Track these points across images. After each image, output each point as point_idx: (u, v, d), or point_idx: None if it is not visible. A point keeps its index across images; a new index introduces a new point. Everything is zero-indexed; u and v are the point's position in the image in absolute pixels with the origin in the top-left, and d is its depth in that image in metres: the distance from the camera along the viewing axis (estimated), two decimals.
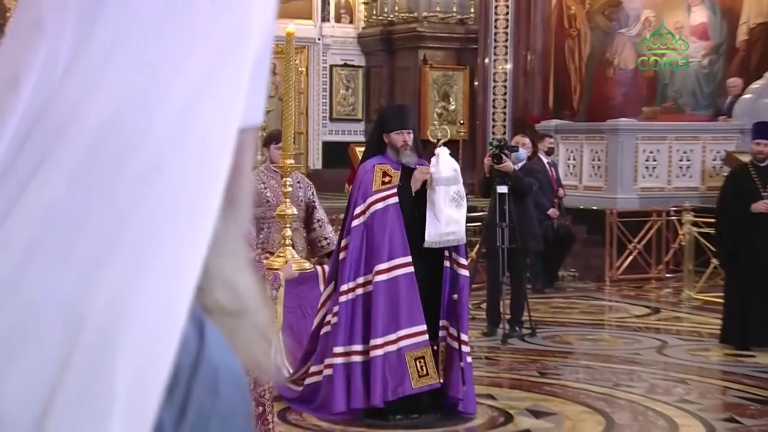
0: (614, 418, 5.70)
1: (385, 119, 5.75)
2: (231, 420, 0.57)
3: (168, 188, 0.53)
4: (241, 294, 0.61)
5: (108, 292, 0.51)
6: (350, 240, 5.42)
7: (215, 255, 0.57)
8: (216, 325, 0.59)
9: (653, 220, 11.43)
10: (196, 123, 0.54)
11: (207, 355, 0.56)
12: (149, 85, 0.53)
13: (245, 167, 0.61)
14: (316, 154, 15.86)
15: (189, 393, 0.55)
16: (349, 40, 15.98)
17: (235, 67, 0.55)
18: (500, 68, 14.09)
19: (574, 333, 8.31)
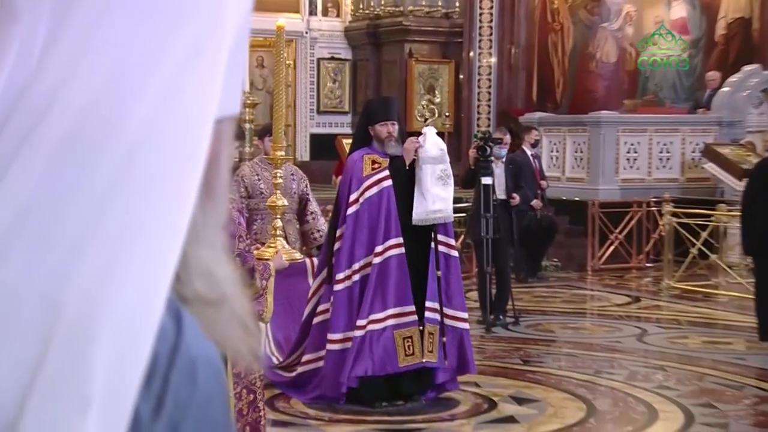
0: (595, 404, 5.72)
1: (370, 111, 5.75)
2: (209, 408, 0.57)
3: (145, 178, 0.52)
4: (220, 283, 0.60)
5: (86, 281, 0.50)
6: (345, 229, 5.42)
7: (193, 245, 0.57)
8: (194, 314, 0.58)
9: (634, 211, 11.47)
10: (173, 113, 0.53)
11: (184, 345, 0.56)
12: (126, 75, 0.52)
13: (222, 157, 0.60)
14: (303, 146, 15.86)
15: (167, 382, 0.54)
16: (336, 33, 15.96)
17: (211, 57, 0.54)
18: (485, 62, 14.09)
19: (557, 321, 8.35)
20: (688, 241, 10.23)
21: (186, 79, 0.53)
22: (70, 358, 0.50)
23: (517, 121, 12.72)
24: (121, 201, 0.52)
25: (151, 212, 0.52)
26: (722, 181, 11.80)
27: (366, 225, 5.39)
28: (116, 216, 0.51)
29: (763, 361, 6.94)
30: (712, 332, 8.06)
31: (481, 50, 14.08)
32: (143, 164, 0.52)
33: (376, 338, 5.34)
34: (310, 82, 15.87)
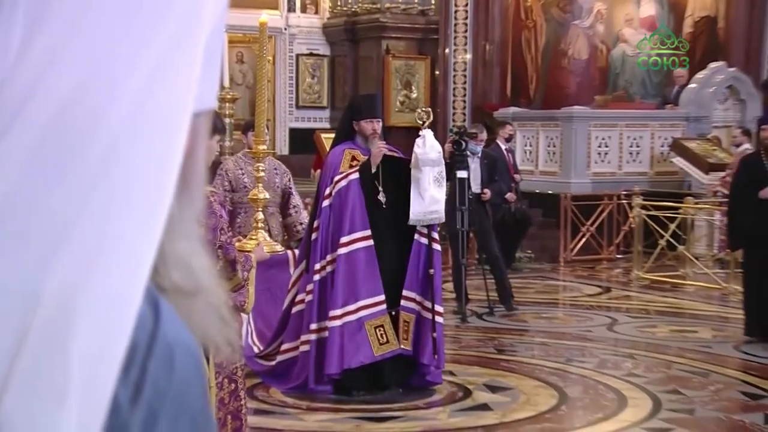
0: (567, 391, 5.75)
1: (356, 107, 5.78)
2: (186, 395, 0.57)
3: (124, 171, 0.52)
4: (196, 273, 0.60)
5: (64, 272, 0.50)
6: (320, 221, 5.45)
7: (170, 236, 0.57)
8: (171, 304, 0.58)
9: (605, 204, 11.53)
10: (153, 107, 0.53)
11: (162, 334, 0.56)
12: (106, 69, 0.52)
13: (199, 151, 0.60)
14: (282, 140, 15.83)
15: (145, 370, 0.54)
16: (315, 30, 15.92)
17: (189, 52, 0.54)
18: (460, 58, 14.11)
19: (530, 311, 8.38)
20: (657, 233, 10.30)
21: (165, 73, 0.53)
22: (48, 348, 0.50)
23: (491, 116, 12.75)
24: (100, 193, 0.52)
25: (130, 205, 0.53)
26: (689, 175, 11.89)
27: (337, 217, 5.43)
28: (96, 208, 0.51)
29: (727, 349, 7.02)
30: (680, 321, 8.10)
31: (457, 47, 14.09)
32: (122, 158, 0.52)
33: (353, 330, 5.36)
34: (289, 77, 15.83)
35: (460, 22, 14.01)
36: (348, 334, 5.36)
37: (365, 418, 5.23)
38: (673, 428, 5.06)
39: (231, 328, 0.63)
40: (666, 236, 10.26)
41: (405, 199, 5.50)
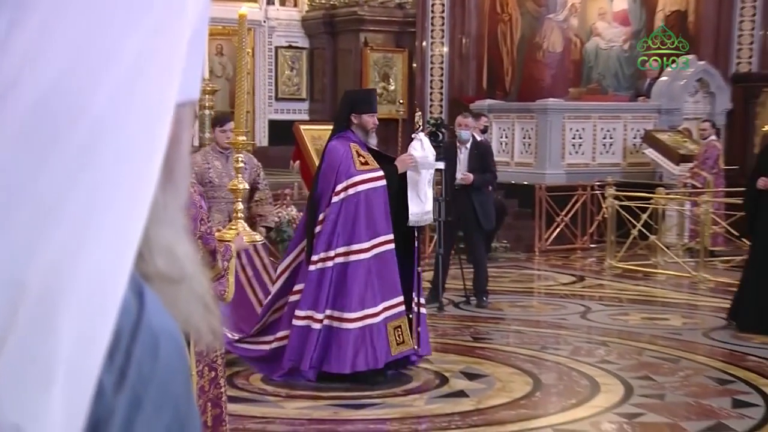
0: (541, 378, 5.79)
1: (358, 101, 5.80)
2: (170, 382, 0.57)
3: (108, 159, 0.52)
4: (180, 261, 0.60)
5: (49, 259, 0.50)
6: (328, 215, 5.45)
7: (155, 224, 0.57)
8: (155, 292, 0.58)
9: (579, 194, 11.58)
10: (136, 96, 0.53)
11: (147, 321, 0.56)
12: (89, 57, 0.52)
13: (183, 141, 0.60)
14: (262, 131, 15.79)
15: (129, 356, 0.54)
16: (293, 22, 15.87)
17: (171, 43, 0.54)
18: (437, 51, 14.11)
19: (506, 300, 8.40)
20: (629, 222, 10.37)
21: (148, 62, 0.53)
22: (34, 334, 0.50)
23: (468, 108, 12.76)
24: (84, 181, 0.51)
25: (114, 192, 0.52)
26: (661, 166, 11.97)
27: (352, 217, 5.45)
28: (80, 196, 0.51)
29: (697, 336, 7.08)
30: (651, 309, 8.16)
31: (434, 40, 14.10)
32: (106, 146, 0.52)
33: (375, 331, 5.44)
34: (268, 69, 15.78)
35: (437, 16, 14.01)
36: (367, 337, 5.44)
37: (343, 406, 5.24)
38: (644, 413, 5.10)
39: (214, 316, 0.63)
40: (638, 226, 10.33)
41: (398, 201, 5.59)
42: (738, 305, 7.25)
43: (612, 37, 14.47)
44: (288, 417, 5.06)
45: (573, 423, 4.93)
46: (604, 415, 5.08)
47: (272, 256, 9.55)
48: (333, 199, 5.46)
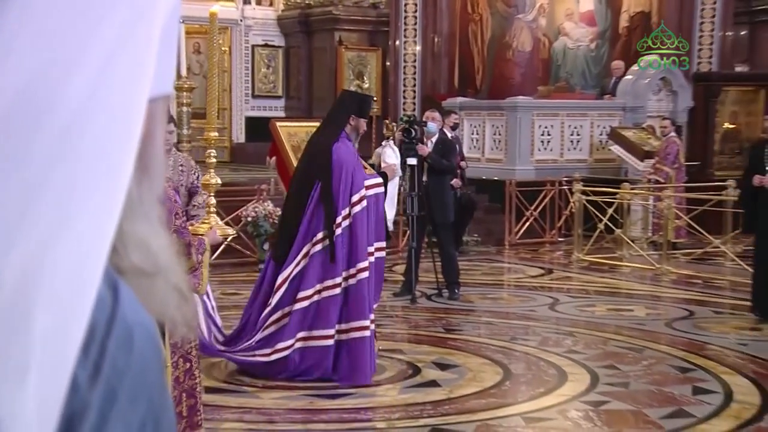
0: (511, 368, 5.81)
1: (363, 105, 5.69)
2: (145, 374, 0.56)
3: (82, 155, 0.51)
4: (155, 254, 0.59)
5: (24, 254, 0.49)
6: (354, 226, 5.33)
7: (130, 218, 0.56)
8: (130, 285, 0.58)
9: (547, 190, 11.64)
10: (108, 93, 0.52)
11: (121, 315, 0.55)
12: (60, 55, 0.51)
13: (157, 135, 0.59)
14: (239, 128, 15.74)
15: (104, 350, 0.54)
16: (270, 22, 15.82)
17: (143, 39, 0.53)
18: (410, 50, 14.12)
19: (476, 292, 8.42)
20: (596, 217, 10.43)
21: (120, 59, 0.52)
22: (8, 328, 0.49)
23: (440, 105, 12.79)
24: (58, 176, 0.51)
25: (88, 188, 0.52)
26: (626, 162, 12.06)
27: (365, 226, 5.39)
28: (54, 191, 0.51)
29: (659, 326, 7.15)
30: (616, 300, 8.22)
31: (407, 39, 14.10)
32: (80, 142, 0.51)
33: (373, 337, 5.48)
34: (245, 67, 15.72)
35: (410, 15, 14.02)
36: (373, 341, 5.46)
37: (318, 396, 5.22)
38: (610, 401, 5.14)
39: (189, 308, 0.62)
40: (604, 220, 10.40)
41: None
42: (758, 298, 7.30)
43: (579, 37, 14.56)
44: (264, 407, 5.04)
45: (541, 411, 4.96)
46: (571, 403, 5.11)
47: (249, 250, 9.53)
48: (356, 209, 5.33)
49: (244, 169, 13.56)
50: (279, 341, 5.35)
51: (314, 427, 4.74)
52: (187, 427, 3.65)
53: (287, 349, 5.33)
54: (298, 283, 5.35)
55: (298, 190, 5.53)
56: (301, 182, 5.51)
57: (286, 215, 5.70)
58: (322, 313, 5.35)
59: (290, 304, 5.35)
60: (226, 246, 9.21)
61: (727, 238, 10.14)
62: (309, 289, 5.34)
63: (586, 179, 11.07)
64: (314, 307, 5.35)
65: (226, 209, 9.15)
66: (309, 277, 5.34)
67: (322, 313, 5.35)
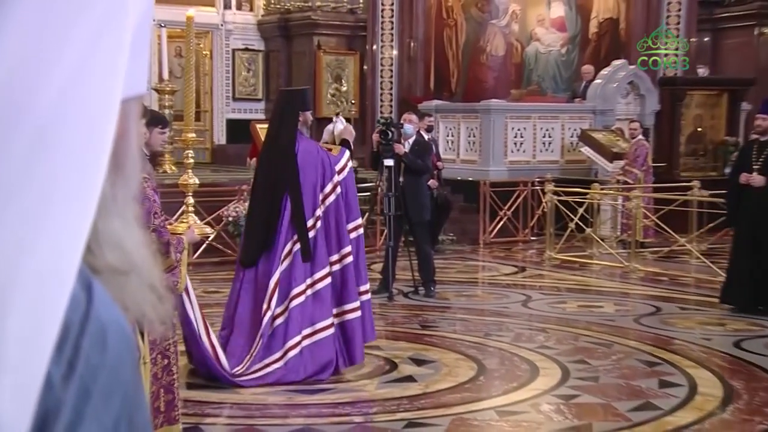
0: (485, 363, 5.82)
1: (305, 99, 5.67)
2: (119, 370, 0.55)
3: (56, 156, 0.50)
4: (130, 253, 0.59)
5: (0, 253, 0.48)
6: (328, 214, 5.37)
7: (104, 217, 0.55)
8: (106, 284, 0.57)
9: (520, 190, 11.68)
10: (81, 94, 0.51)
11: (95, 313, 0.54)
12: (33, 57, 0.50)
13: (131, 134, 0.59)
14: (220, 130, 15.70)
15: (78, 348, 0.53)
16: (250, 26, 15.77)
17: (115, 40, 0.53)
18: (387, 54, 14.12)
19: (452, 290, 8.43)
20: (567, 216, 10.48)
21: (92, 61, 0.52)
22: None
23: (416, 108, 12.80)
24: (32, 178, 0.50)
25: (62, 188, 0.51)
26: (596, 163, 12.13)
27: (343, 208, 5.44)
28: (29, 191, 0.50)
29: (628, 321, 7.20)
30: (587, 297, 8.25)
31: (384, 43, 14.10)
32: (54, 142, 0.51)
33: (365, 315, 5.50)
34: (226, 71, 15.67)
35: (387, 20, 14.02)
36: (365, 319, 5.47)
37: (297, 391, 5.20)
38: (580, 394, 5.17)
39: (165, 305, 0.62)
40: (575, 219, 10.46)
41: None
42: (728, 289, 7.41)
43: (550, 42, 14.64)
44: (244, 402, 5.01)
45: (514, 405, 4.98)
46: (542, 397, 5.13)
47: (230, 249, 9.49)
48: (329, 200, 5.35)
49: (225, 170, 13.49)
50: (286, 340, 5.28)
51: (293, 422, 4.72)
52: (164, 422, 3.63)
53: (296, 347, 5.28)
54: (288, 282, 5.33)
55: (267, 200, 5.42)
56: (270, 191, 5.41)
57: (253, 222, 5.54)
58: (318, 304, 5.35)
59: (285, 302, 5.33)
60: (207, 245, 9.17)
61: (693, 236, 10.23)
62: (301, 284, 5.33)
63: (558, 180, 11.12)
64: (310, 300, 5.34)
65: (207, 209, 9.10)
66: (297, 273, 5.33)
67: (318, 304, 5.35)
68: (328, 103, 14.56)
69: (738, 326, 6.99)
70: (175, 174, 9.83)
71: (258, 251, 5.37)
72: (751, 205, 7.22)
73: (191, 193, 3.95)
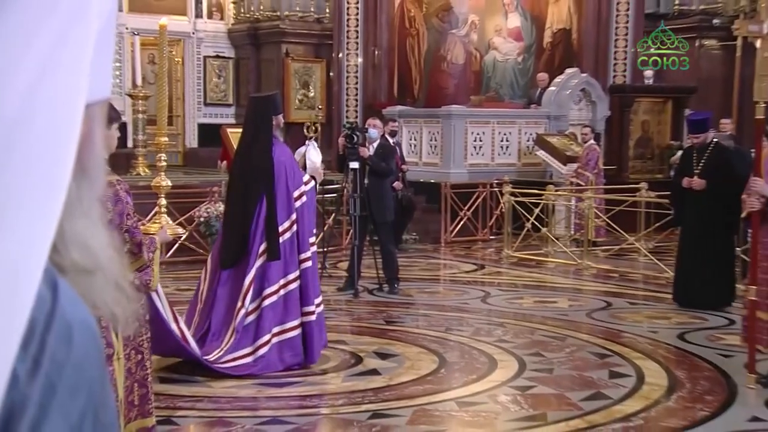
0: (446, 356, 5.83)
1: (277, 104, 5.61)
2: (84, 367, 0.55)
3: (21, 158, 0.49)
4: (95, 251, 0.58)
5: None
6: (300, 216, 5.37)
7: (70, 218, 0.55)
8: (72, 283, 0.56)
9: (480, 191, 11.73)
10: (45, 98, 0.50)
11: (60, 311, 0.53)
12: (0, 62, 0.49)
13: (96, 138, 0.58)
14: (192, 134, 15.59)
15: (43, 345, 0.52)
16: (220, 34, 15.68)
17: (77, 47, 0.52)
18: (352, 61, 14.11)
19: (415, 287, 8.44)
20: (524, 216, 10.55)
21: (55, 67, 0.51)
22: None
23: (380, 113, 12.82)
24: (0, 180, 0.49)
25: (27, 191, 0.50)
26: (551, 166, 12.24)
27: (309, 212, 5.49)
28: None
29: (581, 316, 7.26)
30: (542, 293, 8.30)
31: (349, 51, 14.09)
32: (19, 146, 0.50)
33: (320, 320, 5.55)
34: (197, 77, 15.57)
35: (352, 30, 14.01)
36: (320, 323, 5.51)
37: (266, 384, 5.18)
38: (536, 385, 5.20)
39: (132, 301, 0.61)
40: (531, 219, 10.53)
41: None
42: (678, 288, 7.51)
43: (507, 51, 14.74)
44: (216, 396, 4.98)
45: (473, 396, 4.99)
46: (500, 388, 5.15)
47: (201, 248, 9.40)
48: (297, 204, 5.37)
49: (197, 172, 13.38)
50: (258, 338, 5.28)
51: (263, 414, 4.69)
52: (139, 415, 3.60)
53: (266, 345, 5.28)
54: (261, 281, 5.31)
55: (244, 202, 5.37)
56: (247, 193, 5.37)
57: (231, 227, 5.47)
58: (289, 305, 5.36)
59: (258, 301, 5.31)
60: (180, 245, 9.08)
61: (641, 235, 10.36)
62: (274, 284, 5.31)
63: (515, 182, 11.20)
64: (281, 301, 5.33)
65: (179, 210, 9.02)
66: (271, 274, 5.31)
67: (289, 305, 5.36)
68: (296, 109, 14.52)
69: (682, 319, 7.10)
70: (149, 176, 9.72)
71: (238, 253, 5.33)
72: (694, 206, 7.35)
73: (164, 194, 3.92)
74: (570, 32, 14.32)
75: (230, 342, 5.26)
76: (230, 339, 5.26)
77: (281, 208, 5.30)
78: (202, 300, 5.44)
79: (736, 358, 5.71)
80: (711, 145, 7.42)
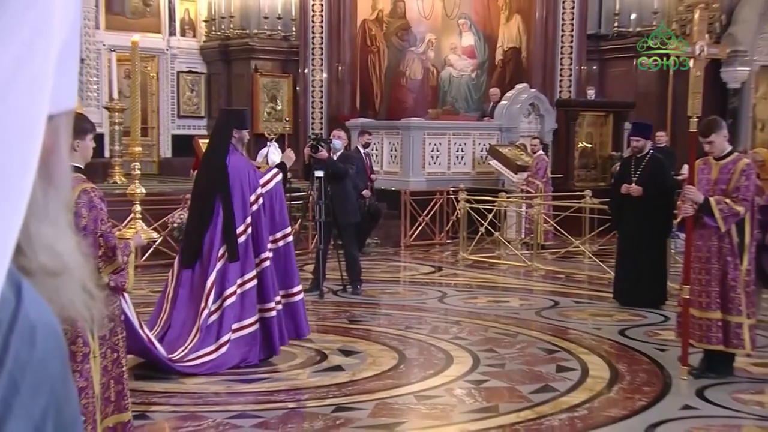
0: (405, 353, 5.84)
1: (241, 118, 5.59)
2: (47, 367, 0.53)
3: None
4: (61, 255, 0.57)
5: None
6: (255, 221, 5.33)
7: (36, 223, 0.53)
8: (39, 285, 0.55)
9: (437, 198, 11.78)
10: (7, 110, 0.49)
11: (24, 312, 0.52)
12: None
13: (61, 147, 0.57)
14: (166, 145, 15.48)
15: (7, 346, 0.51)
16: (193, 51, 15.58)
17: (38, 62, 0.50)
18: (317, 76, 14.09)
19: (377, 288, 8.44)
20: (478, 221, 10.62)
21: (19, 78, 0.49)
22: None
23: (344, 125, 12.80)
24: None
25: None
26: (503, 175, 12.34)
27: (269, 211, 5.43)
28: None
29: (531, 314, 7.32)
30: (495, 293, 8.36)
31: (314, 67, 14.07)
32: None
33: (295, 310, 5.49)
34: (171, 91, 15.45)
35: (317, 47, 14.01)
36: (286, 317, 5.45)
37: (236, 380, 5.13)
38: (489, 379, 5.23)
39: (98, 303, 0.60)
40: (485, 224, 10.60)
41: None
42: (618, 288, 7.60)
43: (462, 68, 14.85)
44: (188, 392, 4.92)
45: (431, 390, 5.00)
46: (456, 382, 5.17)
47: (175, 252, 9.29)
48: (252, 208, 5.33)
49: (171, 180, 13.24)
50: (220, 336, 5.27)
51: (233, 408, 4.65)
52: (115, 411, 3.54)
53: (227, 344, 5.26)
54: (222, 282, 5.30)
55: (201, 205, 5.44)
56: (203, 197, 5.42)
57: (190, 228, 5.55)
58: (246, 303, 5.33)
59: (219, 301, 5.29)
60: (154, 249, 8.96)
61: (585, 239, 10.49)
62: (233, 285, 5.31)
63: (470, 189, 11.26)
64: (239, 299, 5.31)
65: (154, 216, 8.90)
66: (230, 274, 5.31)
67: (246, 303, 5.33)
68: (265, 121, 14.46)
69: (622, 317, 7.19)
70: (125, 184, 9.60)
71: (196, 254, 5.34)
72: (631, 212, 7.46)
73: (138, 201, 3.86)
74: (520, 51, 14.47)
75: (194, 341, 5.24)
76: (194, 338, 5.24)
77: (237, 213, 5.32)
78: (168, 299, 5.43)
79: (671, 351, 5.80)
80: (647, 156, 7.57)
